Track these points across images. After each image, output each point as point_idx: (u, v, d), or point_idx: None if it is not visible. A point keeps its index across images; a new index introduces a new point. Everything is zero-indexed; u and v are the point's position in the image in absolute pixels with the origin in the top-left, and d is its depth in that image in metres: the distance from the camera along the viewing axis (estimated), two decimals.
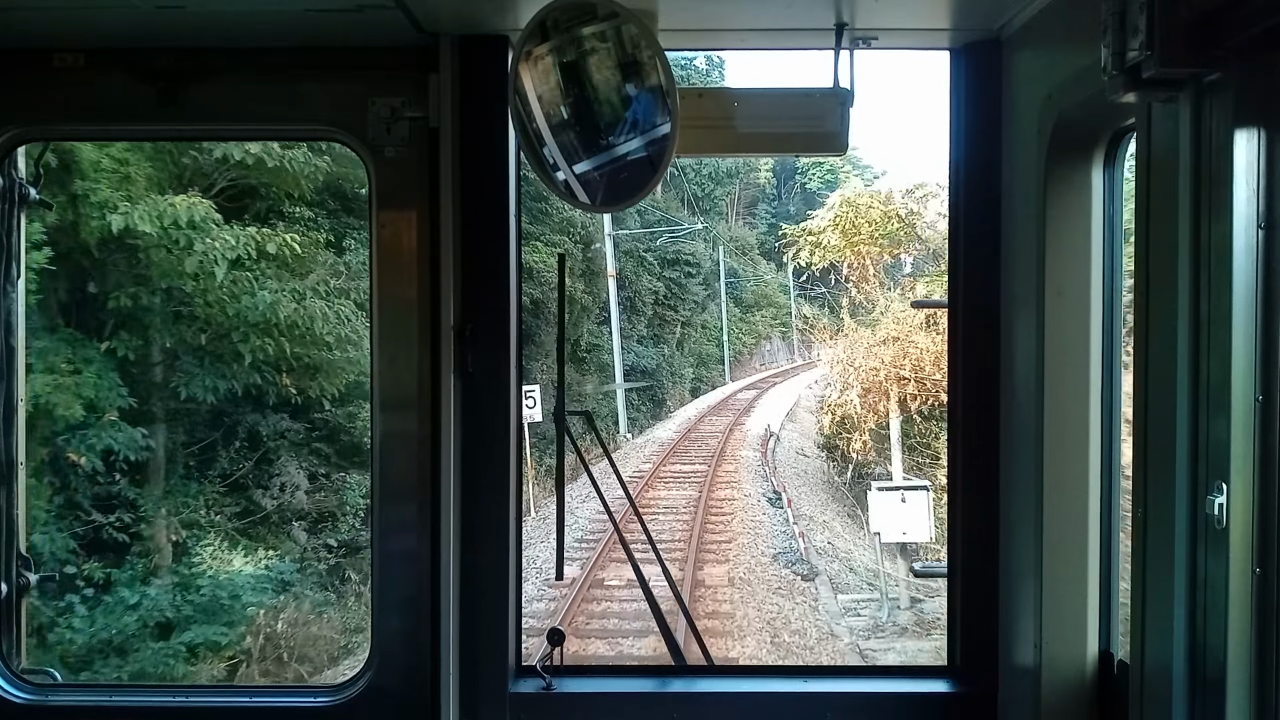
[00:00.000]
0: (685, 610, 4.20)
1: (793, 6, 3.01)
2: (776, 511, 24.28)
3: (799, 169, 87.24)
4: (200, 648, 15.28)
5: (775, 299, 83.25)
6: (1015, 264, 3.16)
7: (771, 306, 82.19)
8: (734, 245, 74.84)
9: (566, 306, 3.80)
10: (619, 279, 42.32)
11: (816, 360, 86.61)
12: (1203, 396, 2.08)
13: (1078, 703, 2.88)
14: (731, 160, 56.47)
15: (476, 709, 3.29)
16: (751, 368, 74.17)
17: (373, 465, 3.33)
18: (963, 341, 3.37)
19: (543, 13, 2.89)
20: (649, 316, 49.84)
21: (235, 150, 16.14)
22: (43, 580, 3.72)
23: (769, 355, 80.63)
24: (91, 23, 3.10)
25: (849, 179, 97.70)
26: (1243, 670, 2.01)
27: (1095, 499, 2.88)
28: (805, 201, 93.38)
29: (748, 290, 77.99)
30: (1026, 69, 3.07)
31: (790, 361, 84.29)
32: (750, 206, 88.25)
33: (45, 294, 15.13)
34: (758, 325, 78.75)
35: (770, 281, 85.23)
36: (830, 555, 21.93)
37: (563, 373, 3.67)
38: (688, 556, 19.14)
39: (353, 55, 3.26)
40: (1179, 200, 2.11)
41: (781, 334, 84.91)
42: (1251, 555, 2.00)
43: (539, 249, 32.48)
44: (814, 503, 28.98)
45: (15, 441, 3.45)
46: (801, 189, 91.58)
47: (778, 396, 53.53)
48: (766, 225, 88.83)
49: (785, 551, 20.74)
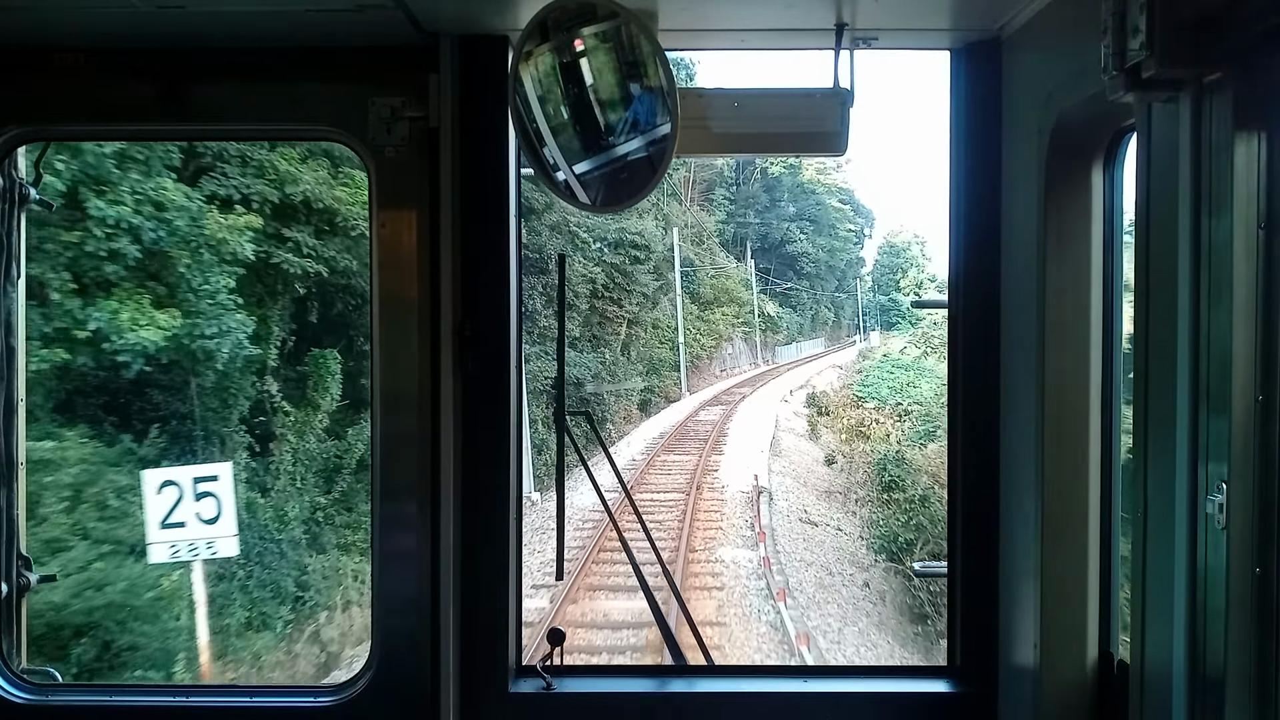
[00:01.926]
0: (685, 610, 4.20)
1: (793, 6, 3.00)
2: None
3: None
4: None
5: (737, 294, 74.68)
6: (1015, 264, 3.16)
7: (733, 303, 72.85)
8: (690, 232, 65.14)
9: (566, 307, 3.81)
10: (539, 258, 30.94)
11: (778, 363, 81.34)
12: (1203, 396, 2.08)
13: (1078, 703, 2.87)
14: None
15: (476, 709, 3.29)
16: (711, 374, 63.87)
17: (373, 465, 3.33)
18: (963, 341, 3.37)
19: (543, 13, 2.89)
20: (584, 312, 37.78)
21: None
22: (42, 580, 3.72)
23: (730, 359, 70.89)
24: (91, 23, 3.10)
25: (806, 167, 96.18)
26: (1243, 670, 2.01)
27: (1095, 499, 2.88)
28: (766, 188, 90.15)
29: (706, 284, 67.63)
30: (1026, 69, 3.07)
31: (753, 365, 76.83)
32: (707, 191, 79.74)
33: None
34: (718, 324, 67.89)
35: (731, 274, 76.11)
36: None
37: (562, 373, 3.68)
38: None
39: (353, 55, 3.26)
40: (1179, 200, 2.11)
41: (744, 334, 76.42)
42: (1251, 555, 2.00)
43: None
44: (862, 634, 16.89)
45: (15, 441, 3.45)
46: (762, 173, 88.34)
47: (751, 416, 42.77)
48: (725, 213, 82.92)
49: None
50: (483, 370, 3.31)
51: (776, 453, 34.27)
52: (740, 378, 64.26)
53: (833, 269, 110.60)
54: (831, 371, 71.80)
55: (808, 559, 21.96)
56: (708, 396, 51.47)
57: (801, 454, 36.20)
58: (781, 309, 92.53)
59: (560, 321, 3.71)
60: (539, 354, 30.26)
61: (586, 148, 3.00)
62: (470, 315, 3.29)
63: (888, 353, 74.54)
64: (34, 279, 12.85)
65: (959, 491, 3.41)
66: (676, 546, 19.50)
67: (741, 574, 18.63)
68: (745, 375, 66.94)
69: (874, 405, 44.99)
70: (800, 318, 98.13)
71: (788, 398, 52.60)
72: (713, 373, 64.19)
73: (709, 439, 35.05)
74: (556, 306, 3.75)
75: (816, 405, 48.64)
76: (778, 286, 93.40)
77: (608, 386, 38.47)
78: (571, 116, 2.99)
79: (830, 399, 50.95)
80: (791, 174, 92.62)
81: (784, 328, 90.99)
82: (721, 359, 68.01)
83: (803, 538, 23.78)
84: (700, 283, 66.03)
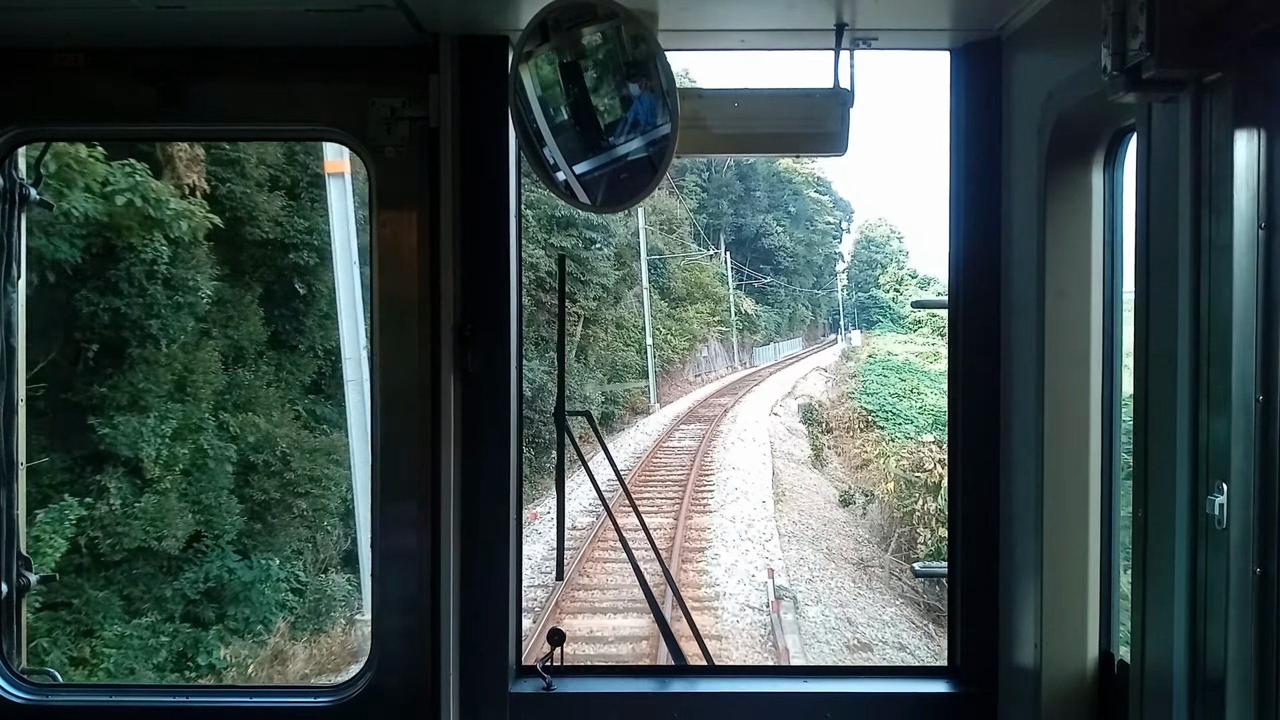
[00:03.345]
0: (684, 609, 4.20)
1: (793, 7, 3.01)
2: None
3: None
4: None
5: (712, 289, 67.70)
6: (1015, 264, 3.16)
7: (709, 299, 65.76)
8: (660, 219, 58.14)
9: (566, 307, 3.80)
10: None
11: (757, 367, 73.55)
12: (1203, 396, 2.08)
13: (1078, 703, 2.87)
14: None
15: (476, 709, 3.29)
16: (685, 381, 55.97)
17: (373, 465, 3.33)
18: (963, 341, 3.37)
19: (543, 13, 2.89)
20: (529, 309, 30.17)
21: None
22: (43, 580, 3.73)
23: (706, 363, 63.33)
24: (91, 23, 3.10)
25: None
26: (1243, 670, 2.01)
27: (1095, 499, 2.88)
28: (740, 176, 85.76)
29: (677, 278, 60.04)
30: (1026, 69, 3.07)
31: (731, 368, 69.02)
32: (678, 175, 70.00)
33: None
34: (691, 324, 60.00)
35: (706, 268, 68.98)
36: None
37: (562, 373, 3.68)
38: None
39: (353, 55, 3.26)
40: (1179, 200, 2.11)
41: (720, 335, 69.04)
42: (1251, 555, 2.00)
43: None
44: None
45: (15, 441, 3.45)
46: (735, 160, 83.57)
47: (739, 438, 33.19)
48: (697, 201, 76.05)
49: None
50: (483, 370, 3.31)
51: (780, 494, 25.73)
52: (718, 384, 56.95)
53: (810, 264, 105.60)
54: (817, 376, 65.38)
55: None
56: (682, 409, 42.63)
57: (809, 491, 28.10)
58: (760, 307, 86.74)
59: (560, 321, 3.72)
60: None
61: (587, 148, 3.00)
62: (470, 315, 3.29)
63: (873, 353, 69.62)
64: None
65: (959, 491, 3.41)
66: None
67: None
68: (724, 381, 59.73)
69: (870, 412, 39.94)
70: (779, 316, 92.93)
71: (777, 409, 45.47)
72: (686, 379, 56.90)
73: (687, 482, 25.40)
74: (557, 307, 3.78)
75: (814, 419, 42.84)
76: (754, 282, 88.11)
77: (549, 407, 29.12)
78: (572, 116, 2.99)
79: (828, 411, 45.30)
80: (766, 161, 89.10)
81: (762, 327, 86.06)
82: (696, 363, 60.98)
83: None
84: (671, 276, 58.97)
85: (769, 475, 27.39)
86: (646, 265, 48.48)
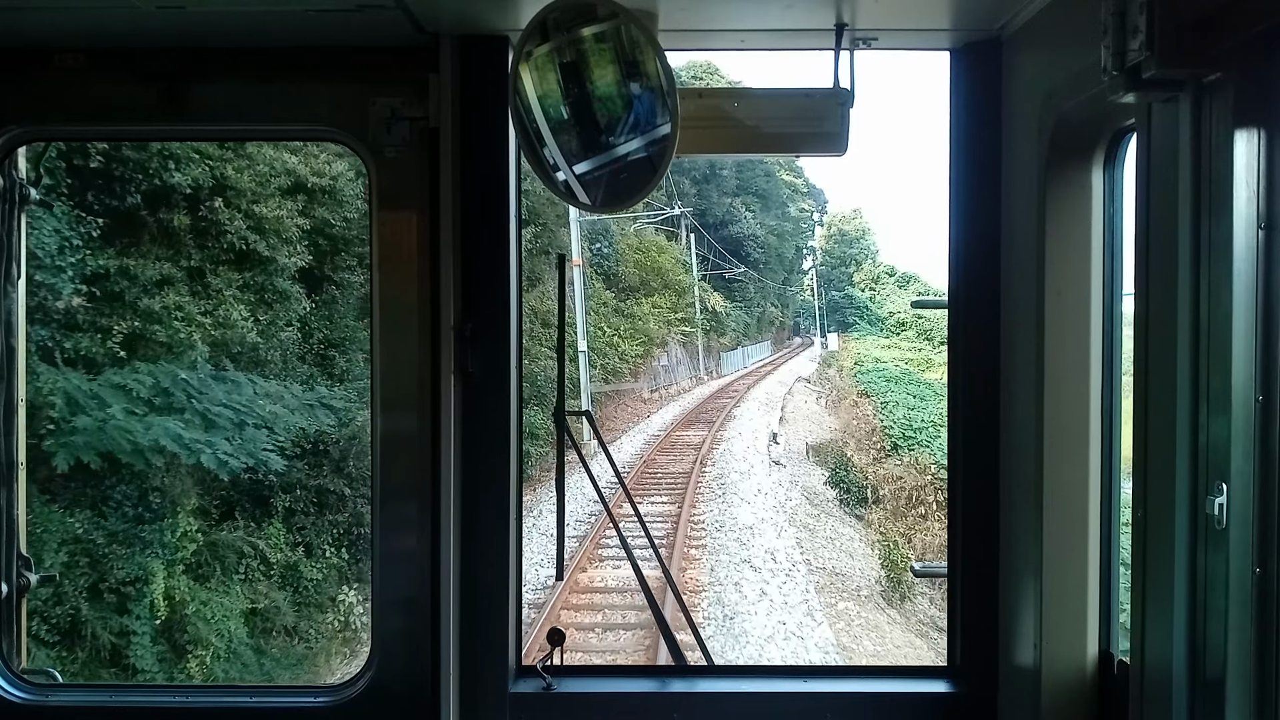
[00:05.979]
0: (684, 608, 4.20)
1: (793, 7, 3.01)
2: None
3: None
4: None
5: (674, 278, 52.51)
6: (1015, 264, 3.16)
7: (669, 290, 51.14)
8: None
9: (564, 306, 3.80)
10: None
11: (725, 375, 58.78)
12: (1203, 396, 2.08)
13: (1078, 703, 2.87)
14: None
15: (476, 709, 3.29)
16: (638, 400, 41.49)
17: (373, 465, 3.33)
18: (963, 341, 3.37)
19: (543, 13, 2.89)
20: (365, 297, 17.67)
21: None
22: (43, 580, 3.72)
23: (666, 373, 48.72)
24: (91, 23, 3.10)
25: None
26: (1243, 670, 2.01)
27: (1095, 499, 2.88)
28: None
29: (629, 262, 46.18)
30: (1026, 69, 3.07)
31: (695, 379, 54.44)
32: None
33: None
34: (647, 321, 45.71)
35: (666, 249, 53.17)
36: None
37: (562, 373, 3.69)
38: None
39: (353, 55, 3.26)
40: (1179, 200, 2.12)
41: (683, 337, 54.13)
42: (1251, 555, 2.00)
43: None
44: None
45: (15, 441, 3.45)
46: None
47: (731, 547, 19.45)
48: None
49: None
50: (483, 370, 3.31)
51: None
52: (683, 405, 42.34)
53: (781, 257, 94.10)
54: (802, 389, 52.71)
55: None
56: (634, 450, 27.42)
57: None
58: (728, 303, 73.21)
59: (560, 321, 3.72)
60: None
61: (586, 148, 3.00)
62: (470, 315, 3.29)
63: (859, 360, 59.22)
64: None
65: (959, 491, 3.41)
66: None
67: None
68: (690, 400, 44.83)
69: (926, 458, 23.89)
70: (748, 316, 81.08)
71: (772, 443, 31.51)
72: (640, 397, 42.26)
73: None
74: (557, 307, 3.79)
75: (845, 478, 26.58)
76: (723, 273, 74.09)
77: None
78: (572, 116, 2.99)
79: (854, 455, 29.38)
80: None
81: (731, 328, 72.20)
82: (653, 373, 46.01)
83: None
84: (621, 258, 44.99)
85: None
86: (578, 234, 33.96)
